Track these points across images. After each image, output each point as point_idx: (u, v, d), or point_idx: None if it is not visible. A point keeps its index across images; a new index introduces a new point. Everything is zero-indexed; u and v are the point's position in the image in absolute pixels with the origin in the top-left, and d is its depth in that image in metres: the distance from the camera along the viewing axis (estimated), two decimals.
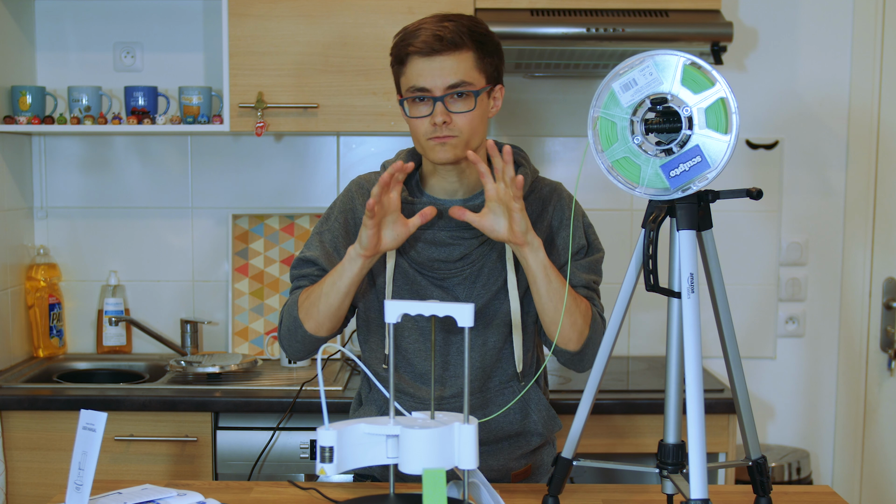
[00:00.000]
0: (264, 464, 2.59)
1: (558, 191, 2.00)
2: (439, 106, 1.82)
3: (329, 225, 2.00)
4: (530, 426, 1.97)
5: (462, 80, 1.83)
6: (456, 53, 1.82)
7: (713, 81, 1.50)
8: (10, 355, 2.96)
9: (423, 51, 1.82)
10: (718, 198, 1.56)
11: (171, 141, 3.16)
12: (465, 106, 1.84)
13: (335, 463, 1.52)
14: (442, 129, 1.83)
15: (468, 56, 1.83)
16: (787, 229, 3.20)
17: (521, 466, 2.01)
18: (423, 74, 1.83)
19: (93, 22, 3.11)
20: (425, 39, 1.82)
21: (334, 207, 2.02)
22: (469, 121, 1.84)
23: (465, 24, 1.85)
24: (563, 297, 1.82)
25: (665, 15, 2.75)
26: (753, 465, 1.71)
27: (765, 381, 3.22)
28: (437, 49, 1.81)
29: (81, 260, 3.18)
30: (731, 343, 1.66)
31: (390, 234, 1.80)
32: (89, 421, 1.61)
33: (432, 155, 1.87)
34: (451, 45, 1.81)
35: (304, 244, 2.03)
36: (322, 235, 2.00)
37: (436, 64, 1.82)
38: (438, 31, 1.82)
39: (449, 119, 1.83)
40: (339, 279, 1.84)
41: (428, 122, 1.84)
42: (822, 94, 3.16)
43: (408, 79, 1.86)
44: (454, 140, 1.84)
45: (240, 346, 3.11)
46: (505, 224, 1.79)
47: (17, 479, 2.65)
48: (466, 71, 1.83)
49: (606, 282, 2.04)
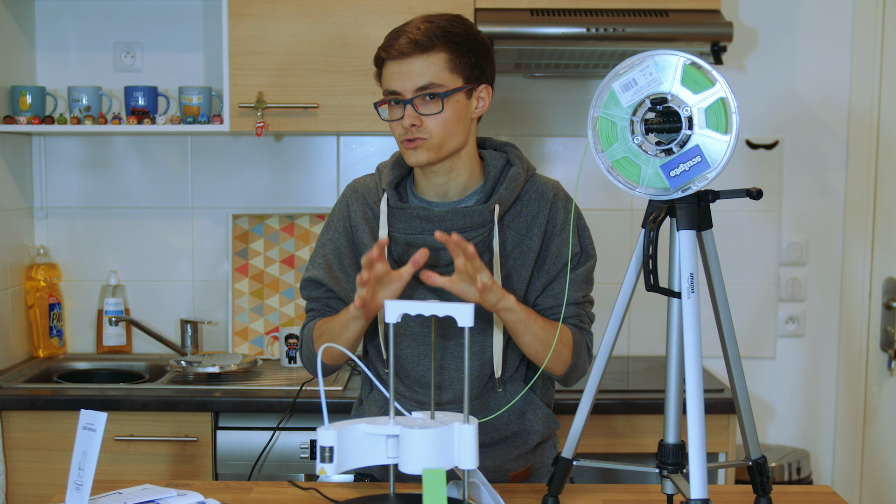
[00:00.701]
0: (264, 464, 2.59)
1: (556, 191, 1.97)
2: (408, 109, 1.84)
3: (330, 235, 2.01)
4: (527, 426, 1.97)
5: (431, 81, 1.83)
6: (425, 55, 1.83)
7: (713, 81, 1.50)
8: (10, 355, 2.96)
9: (392, 55, 1.84)
10: (718, 198, 1.56)
11: (171, 141, 3.16)
12: (434, 108, 1.84)
13: (335, 463, 1.52)
14: (412, 131, 1.84)
15: (438, 57, 1.83)
16: (787, 229, 3.20)
17: (520, 467, 2.00)
18: (394, 77, 1.85)
19: (93, 22, 3.12)
20: (397, 43, 1.84)
21: (332, 216, 2.03)
22: (440, 123, 1.84)
23: (441, 24, 1.85)
24: (544, 337, 1.85)
25: (665, 15, 2.75)
26: (753, 465, 1.71)
27: (765, 381, 3.22)
28: (407, 52, 1.82)
29: (81, 260, 3.18)
30: (731, 343, 1.66)
31: (386, 292, 1.78)
32: (89, 421, 1.61)
33: (407, 159, 1.88)
34: (420, 48, 1.82)
35: (309, 259, 2.04)
36: (325, 247, 2.00)
37: (405, 66, 1.83)
38: (411, 34, 1.83)
39: (418, 122, 1.84)
40: (346, 331, 1.85)
41: (400, 126, 1.86)
42: (822, 94, 3.16)
43: (384, 82, 1.88)
44: (425, 143, 1.85)
45: (240, 346, 3.11)
46: (475, 292, 1.77)
47: (17, 479, 2.65)
48: (436, 73, 1.83)
49: (606, 282, 2.05)
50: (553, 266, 1.93)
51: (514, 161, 1.95)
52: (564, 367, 1.92)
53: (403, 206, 1.92)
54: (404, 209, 1.91)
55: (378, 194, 1.97)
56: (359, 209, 1.98)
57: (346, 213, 2.00)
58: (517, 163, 1.95)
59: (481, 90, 1.90)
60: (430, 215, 1.89)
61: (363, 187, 2.01)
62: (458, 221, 1.88)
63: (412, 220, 1.91)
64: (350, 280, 1.98)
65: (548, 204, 1.94)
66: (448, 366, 1.94)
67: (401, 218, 1.91)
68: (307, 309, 2.04)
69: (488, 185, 1.92)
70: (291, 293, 3.12)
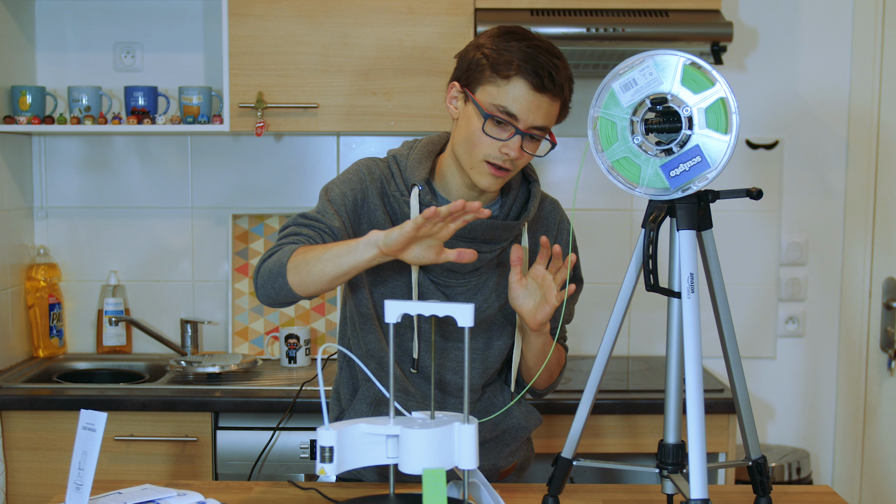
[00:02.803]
0: (264, 464, 2.59)
1: (560, 214, 2.00)
2: (516, 140, 1.76)
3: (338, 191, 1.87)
4: (511, 422, 1.99)
5: (546, 125, 1.79)
6: (555, 99, 1.77)
7: (713, 81, 1.50)
8: (10, 355, 2.96)
9: (534, 83, 1.74)
10: (718, 198, 1.56)
11: (171, 141, 3.16)
12: (533, 149, 1.80)
13: (335, 463, 1.52)
14: (507, 162, 1.78)
15: (558, 105, 1.79)
16: (787, 229, 3.20)
17: (509, 464, 2.04)
18: (522, 105, 1.75)
19: (93, 22, 3.11)
20: (541, 72, 1.74)
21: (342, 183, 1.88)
22: (525, 162, 1.83)
23: (567, 70, 1.79)
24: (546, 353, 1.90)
25: (665, 15, 2.75)
26: (753, 465, 1.71)
27: (765, 381, 3.22)
28: (547, 88, 1.75)
29: (81, 260, 3.18)
30: (731, 343, 1.66)
31: (418, 252, 1.65)
32: (89, 421, 1.61)
33: (478, 178, 1.81)
34: (557, 90, 1.76)
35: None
36: (329, 192, 1.87)
37: (539, 102, 1.75)
38: (552, 69, 1.75)
39: (520, 155, 1.79)
40: (346, 256, 1.66)
41: (496, 147, 1.77)
42: (822, 94, 3.16)
43: (502, 97, 1.75)
44: (509, 175, 1.81)
45: (240, 346, 3.11)
46: (533, 305, 1.78)
47: (17, 479, 2.65)
48: (553, 118, 1.80)
49: (606, 282, 2.05)
50: None
51: (530, 176, 1.95)
52: (548, 382, 2.01)
53: (431, 203, 1.84)
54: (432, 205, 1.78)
55: (397, 186, 1.88)
56: (376, 192, 1.87)
57: (360, 186, 1.87)
58: (535, 178, 1.95)
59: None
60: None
61: (381, 172, 1.89)
62: (488, 233, 1.86)
63: None
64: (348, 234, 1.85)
65: (555, 226, 1.98)
66: (449, 378, 1.94)
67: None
68: (285, 234, 1.81)
69: (509, 199, 1.91)
70: None
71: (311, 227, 1.81)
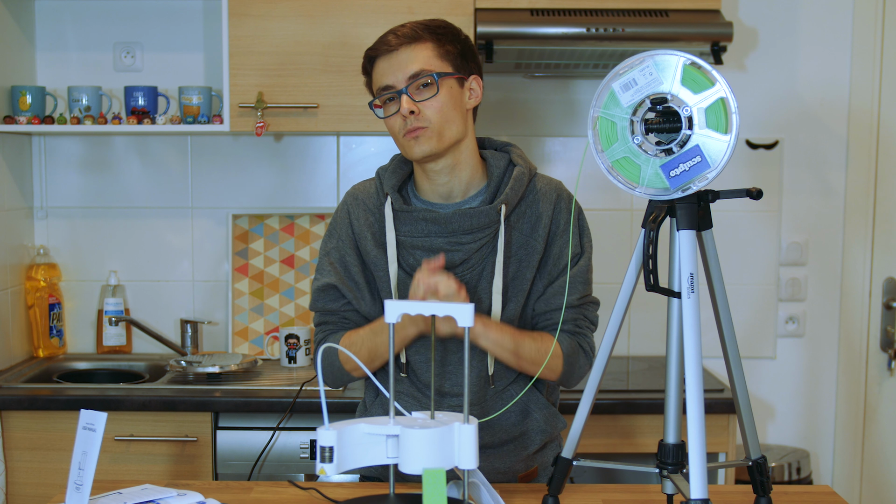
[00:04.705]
0: (264, 464, 2.59)
1: (560, 191, 1.97)
2: (404, 98, 1.86)
3: (334, 243, 2.00)
4: (532, 425, 1.97)
5: (422, 68, 1.86)
6: (412, 45, 1.87)
7: (713, 81, 1.50)
8: (10, 355, 2.96)
9: (381, 51, 1.89)
10: (718, 198, 1.56)
11: (171, 141, 3.16)
12: (429, 93, 1.86)
13: (335, 463, 1.52)
14: (411, 120, 1.85)
15: (426, 46, 1.88)
16: (787, 229, 3.20)
17: (528, 468, 2.00)
18: (385, 72, 1.88)
19: (93, 22, 3.11)
20: (384, 40, 1.89)
21: (334, 224, 2.02)
22: (437, 109, 1.86)
23: (422, 21, 1.91)
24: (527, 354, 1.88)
25: (665, 15, 2.75)
26: (753, 465, 1.71)
27: (765, 381, 3.22)
28: (394, 45, 1.88)
29: (81, 260, 3.18)
30: (731, 343, 1.66)
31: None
32: (89, 421, 1.61)
33: (410, 152, 1.89)
34: (407, 39, 1.87)
35: (316, 269, 2.02)
36: (330, 255, 1.99)
37: (394, 59, 1.88)
38: (396, 31, 1.89)
39: (416, 109, 1.85)
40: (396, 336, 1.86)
41: (399, 119, 1.87)
42: (822, 94, 3.16)
43: (375, 82, 1.92)
44: (426, 131, 1.86)
45: (240, 346, 3.11)
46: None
47: (17, 479, 2.65)
48: (426, 60, 1.87)
49: (606, 282, 2.04)
50: (554, 268, 1.93)
51: (516, 161, 1.95)
52: (556, 375, 1.95)
53: (408, 209, 1.91)
54: (409, 212, 1.91)
55: (379, 199, 1.97)
56: (361, 215, 1.97)
57: (347, 220, 1.99)
58: (520, 162, 1.94)
59: (471, 81, 1.93)
60: (435, 217, 1.89)
61: (363, 193, 2.01)
62: (464, 223, 1.88)
63: (417, 222, 1.90)
64: (358, 288, 1.97)
65: (551, 205, 1.94)
66: (452, 370, 1.94)
67: (406, 221, 1.91)
68: (319, 322, 2.02)
69: (492, 186, 1.92)
70: (291, 293, 3.12)
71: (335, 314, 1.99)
